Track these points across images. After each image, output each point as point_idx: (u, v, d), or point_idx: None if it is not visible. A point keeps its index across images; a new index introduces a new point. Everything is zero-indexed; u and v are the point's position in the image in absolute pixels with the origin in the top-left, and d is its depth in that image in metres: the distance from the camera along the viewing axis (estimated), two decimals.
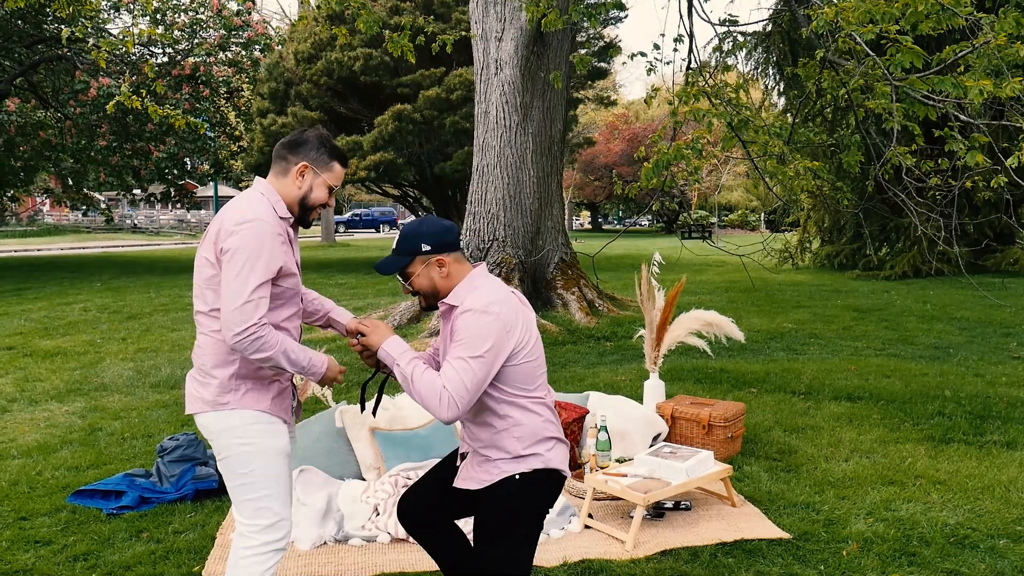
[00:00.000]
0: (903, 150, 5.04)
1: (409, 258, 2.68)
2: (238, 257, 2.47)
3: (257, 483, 2.60)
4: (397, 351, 2.60)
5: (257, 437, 2.60)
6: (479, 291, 2.62)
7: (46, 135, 19.80)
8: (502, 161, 9.81)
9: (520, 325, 2.61)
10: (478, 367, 2.50)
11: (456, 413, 2.49)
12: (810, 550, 3.73)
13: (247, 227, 2.49)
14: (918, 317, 10.70)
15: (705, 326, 5.33)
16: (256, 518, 2.60)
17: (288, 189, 2.67)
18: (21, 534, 3.98)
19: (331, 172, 2.70)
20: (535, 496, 2.67)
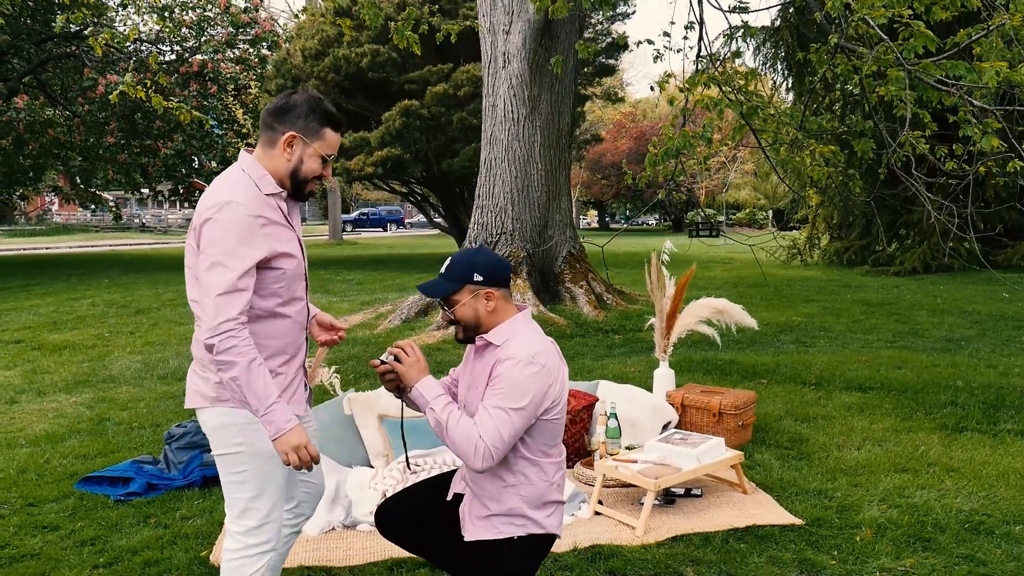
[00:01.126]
0: (917, 134, 4.98)
1: (459, 285, 2.58)
2: (214, 245, 2.27)
3: (249, 483, 2.45)
4: (431, 394, 2.53)
5: (255, 437, 2.43)
6: (523, 337, 2.56)
7: (55, 133, 19.83)
8: (510, 154, 9.78)
9: (559, 380, 2.56)
10: (517, 419, 2.45)
11: (490, 464, 2.45)
12: (823, 536, 3.68)
13: (220, 212, 2.29)
14: (928, 311, 10.63)
15: (716, 314, 5.29)
16: (243, 518, 2.47)
17: (275, 162, 2.44)
18: (29, 520, 3.96)
19: (323, 141, 2.46)
20: (528, 558, 2.64)
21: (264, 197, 2.40)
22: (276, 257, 2.40)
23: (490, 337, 2.59)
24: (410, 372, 2.55)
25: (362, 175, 17.96)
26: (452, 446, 2.47)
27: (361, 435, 4.62)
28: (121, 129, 19.75)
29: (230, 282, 2.26)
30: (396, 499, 2.88)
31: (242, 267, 2.29)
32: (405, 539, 2.87)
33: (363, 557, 3.52)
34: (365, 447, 4.61)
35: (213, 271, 2.27)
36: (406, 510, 2.84)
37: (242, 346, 2.26)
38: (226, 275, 2.26)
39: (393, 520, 2.84)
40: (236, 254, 2.28)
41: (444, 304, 2.64)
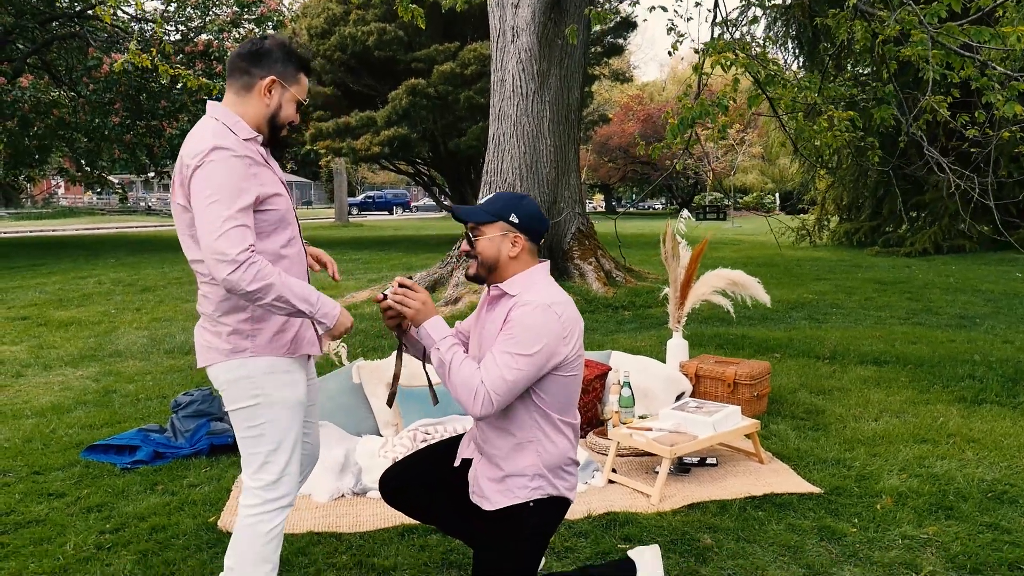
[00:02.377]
0: (939, 99, 4.87)
1: (492, 219, 2.49)
2: (205, 189, 2.23)
3: (267, 436, 2.42)
4: (439, 334, 2.44)
5: (272, 388, 2.41)
6: (540, 287, 2.47)
7: (60, 113, 19.74)
8: (518, 130, 9.66)
9: (575, 334, 2.46)
10: (525, 366, 2.35)
11: (489, 411, 2.35)
12: (842, 504, 3.61)
13: (207, 157, 2.25)
14: (942, 289, 10.51)
15: (731, 285, 5.19)
16: (262, 472, 2.43)
17: (253, 108, 2.41)
18: (35, 487, 3.91)
19: (299, 85, 2.47)
20: (543, 522, 2.55)
21: (242, 142, 2.36)
22: (267, 198, 2.37)
23: (505, 287, 2.50)
24: (421, 311, 2.46)
25: (369, 155, 17.86)
26: (452, 388, 2.39)
27: (370, 404, 4.56)
28: (127, 109, 19.66)
29: (232, 216, 2.22)
30: (401, 466, 2.78)
31: (240, 203, 2.25)
32: (412, 506, 2.78)
33: (373, 523, 3.45)
34: (374, 416, 4.55)
35: (212, 210, 2.22)
36: (412, 476, 2.75)
37: (265, 267, 2.24)
38: (228, 210, 2.22)
39: (399, 487, 2.74)
40: (232, 192, 2.25)
41: (471, 233, 2.54)
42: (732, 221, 34.60)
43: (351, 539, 3.31)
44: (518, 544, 2.51)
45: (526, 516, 2.49)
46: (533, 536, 2.54)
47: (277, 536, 2.46)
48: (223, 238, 2.19)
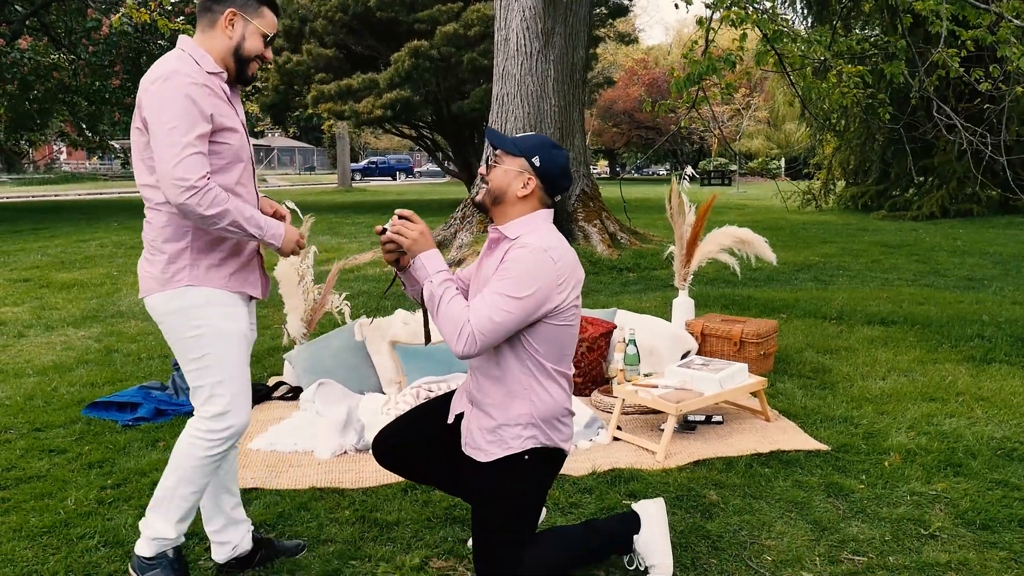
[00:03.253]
0: (951, 52, 4.75)
1: (517, 152, 2.44)
2: (163, 114, 2.23)
3: (212, 368, 2.40)
4: (434, 267, 2.40)
5: (213, 319, 2.39)
6: (540, 232, 2.40)
7: (60, 76, 19.58)
8: (522, 90, 9.53)
9: (573, 283, 2.40)
10: (515, 308, 2.29)
11: (472, 350, 2.29)
12: (850, 461, 3.57)
13: (164, 83, 2.25)
14: (949, 252, 10.43)
15: (738, 243, 5.12)
16: (208, 405, 2.42)
17: (217, 42, 2.41)
18: (36, 443, 3.88)
19: (263, 18, 2.46)
20: (541, 474, 2.50)
21: (205, 74, 2.35)
22: (223, 130, 2.37)
23: (504, 229, 2.44)
24: (418, 243, 2.42)
25: (371, 118, 17.69)
26: (439, 323, 2.35)
27: (373, 361, 4.52)
28: (127, 72, 19.49)
29: (191, 143, 2.23)
30: (393, 427, 2.71)
31: (198, 130, 2.26)
32: (407, 467, 2.73)
33: (376, 479, 3.42)
34: (377, 374, 4.51)
35: (171, 136, 2.22)
36: (405, 437, 2.69)
37: (220, 193, 2.27)
38: (186, 136, 2.23)
39: (392, 449, 2.69)
40: (191, 118, 2.25)
41: (491, 159, 2.50)
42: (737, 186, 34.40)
43: (354, 495, 3.28)
44: (515, 497, 2.47)
45: (521, 467, 2.45)
46: (530, 488, 2.50)
47: (208, 466, 2.45)
48: (181, 164, 2.21)
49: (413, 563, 2.71)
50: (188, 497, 2.45)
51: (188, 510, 2.47)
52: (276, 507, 3.17)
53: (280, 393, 4.57)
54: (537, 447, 2.45)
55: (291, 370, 4.67)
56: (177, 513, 2.46)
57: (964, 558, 2.73)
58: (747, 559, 2.74)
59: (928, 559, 2.73)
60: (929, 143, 15.11)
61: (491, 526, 2.48)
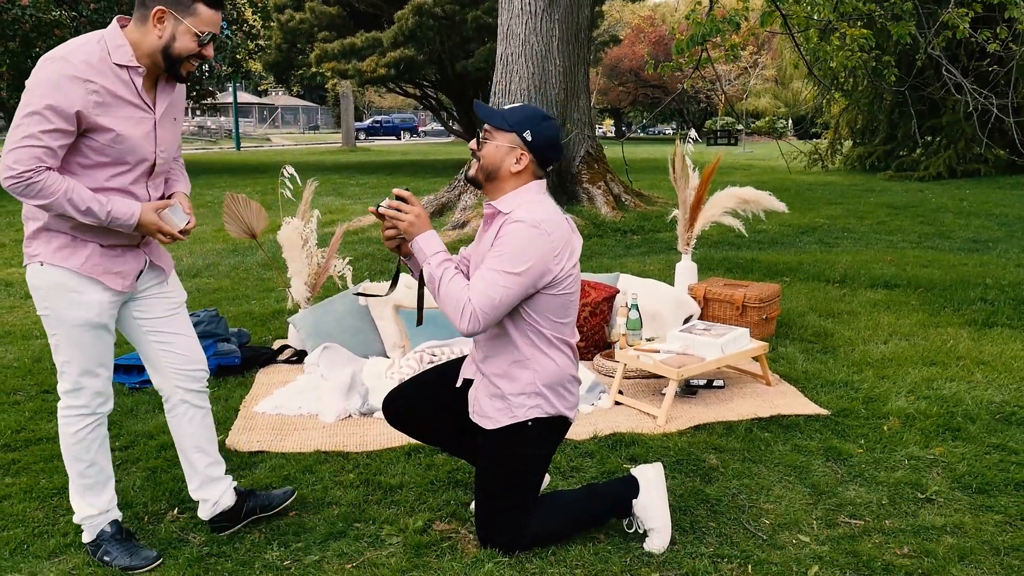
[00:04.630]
0: (960, 12, 4.70)
1: (508, 128, 2.43)
2: (25, 95, 2.19)
3: (60, 348, 2.44)
4: (431, 249, 2.41)
5: (56, 303, 2.37)
6: (532, 205, 2.41)
7: (62, 34, 19.39)
8: (527, 49, 9.43)
9: (567, 252, 2.42)
10: (513, 284, 2.32)
11: (476, 328, 2.33)
12: (849, 425, 3.60)
13: (40, 66, 2.17)
14: (955, 213, 10.38)
15: (741, 204, 5.11)
16: (61, 380, 2.49)
17: (147, 39, 2.28)
18: (44, 406, 3.94)
19: (196, 17, 2.29)
20: (545, 441, 2.56)
21: (111, 66, 2.25)
22: (97, 130, 2.25)
23: (498, 204, 2.46)
24: (415, 225, 2.42)
25: (375, 77, 17.55)
26: (441, 304, 2.37)
27: (377, 326, 4.55)
28: None
29: (33, 135, 2.16)
30: (403, 388, 2.77)
31: (47, 124, 2.16)
32: (415, 428, 2.79)
33: (380, 443, 3.47)
34: (381, 338, 4.54)
35: (18, 119, 2.18)
36: (415, 399, 2.74)
37: (48, 185, 2.20)
38: (31, 128, 2.16)
39: (402, 409, 2.74)
40: (41, 106, 2.15)
41: (482, 134, 2.49)
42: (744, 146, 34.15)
43: (358, 458, 3.33)
44: (519, 463, 2.53)
45: (526, 434, 2.50)
46: (534, 455, 2.55)
47: (82, 440, 2.52)
48: (13, 153, 2.17)
49: (416, 526, 2.75)
50: (84, 473, 2.55)
51: (88, 484, 2.56)
52: (281, 470, 3.22)
53: (285, 356, 4.61)
54: (542, 416, 2.49)
55: (295, 334, 4.70)
56: (79, 490, 2.57)
57: (960, 521, 2.77)
58: (745, 522, 2.78)
59: (924, 522, 2.77)
60: (936, 102, 14.95)
61: (494, 491, 2.53)
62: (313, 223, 4.69)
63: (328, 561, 2.57)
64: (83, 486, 2.56)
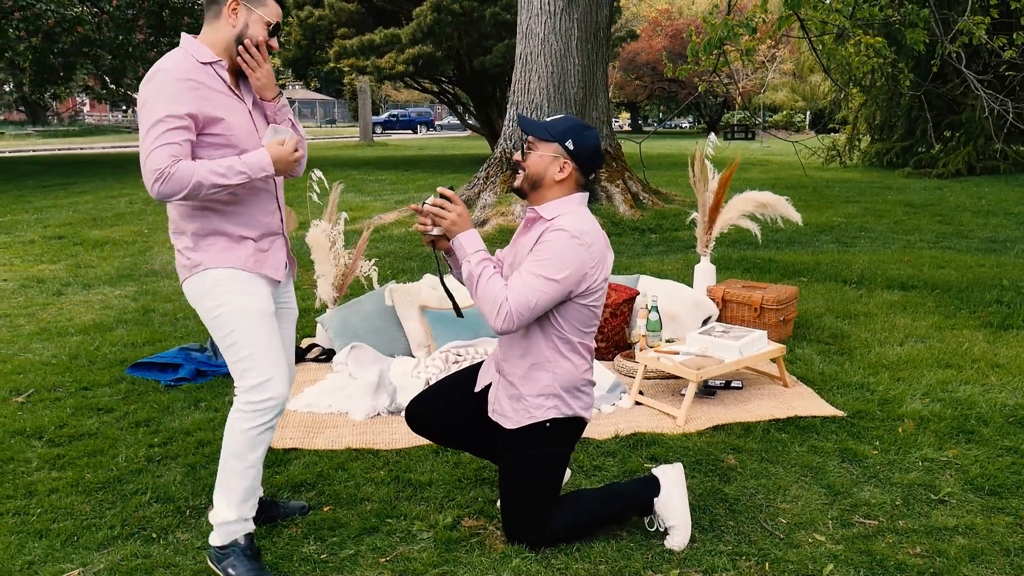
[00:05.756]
0: (977, 19, 4.75)
1: (551, 138, 2.55)
2: (142, 112, 2.34)
3: (239, 343, 2.50)
4: (472, 247, 2.52)
5: (226, 297, 2.49)
6: (575, 215, 2.52)
7: (84, 30, 19.66)
8: (546, 48, 9.52)
9: (602, 266, 2.54)
10: (550, 289, 2.44)
11: (510, 327, 2.44)
12: (865, 427, 3.69)
13: (148, 84, 2.34)
14: (973, 212, 10.40)
15: (759, 208, 5.19)
16: (244, 378, 2.53)
17: (221, 32, 2.48)
18: (84, 402, 4.08)
19: (266, 7, 2.52)
20: (563, 441, 2.68)
21: (199, 66, 2.42)
22: (210, 122, 2.41)
23: (541, 210, 2.57)
24: (457, 223, 2.53)
25: (393, 74, 17.66)
26: (477, 301, 2.48)
27: (403, 326, 4.67)
28: (150, 26, 19.52)
29: (159, 136, 2.30)
30: (424, 396, 2.89)
31: (167, 125, 2.31)
32: (438, 435, 2.92)
33: (408, 441, 3.59)
34: (407, 338, 4.66)
35: (144, 133, 2.31)
36: (436, 407, 2.87)
37: (181, 170, 2.31)
38: (153, 132, 2.30)
39: (424, 417, 2.87)
40: (160, 111, 2.31)
41: (526, 145, 2.60)
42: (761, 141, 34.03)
43: (388, 455, 3.45)
44: (538, 462, 2.65)
45: (544, 434, 2.63)
46: (552, 454, 2.67)
47: (254, 438, 2.54)
48: (148, 161, 2.30)
49: (446, 522, 2.87)
50: (243, 473, 2.54)
51: (245, 490, 2.56)
52: (315, 467, 3.35)
53: (313, 355, 4.74)
54: (559, 417, 2.61)
55: (323, 333, 4.83)
56: (234, 493, 2.55)
57: (971, 522, 2.86)
58: (762, 521, 2.88)
59: (936, 523, 2.86)
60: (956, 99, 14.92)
61: (516, 489, 2.66)
62: (340, 225, 4.81)
63: (363, 555, 2.69)
64: (237, 489, 2.56)
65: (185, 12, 18.93)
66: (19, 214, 10.98)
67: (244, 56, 2.50)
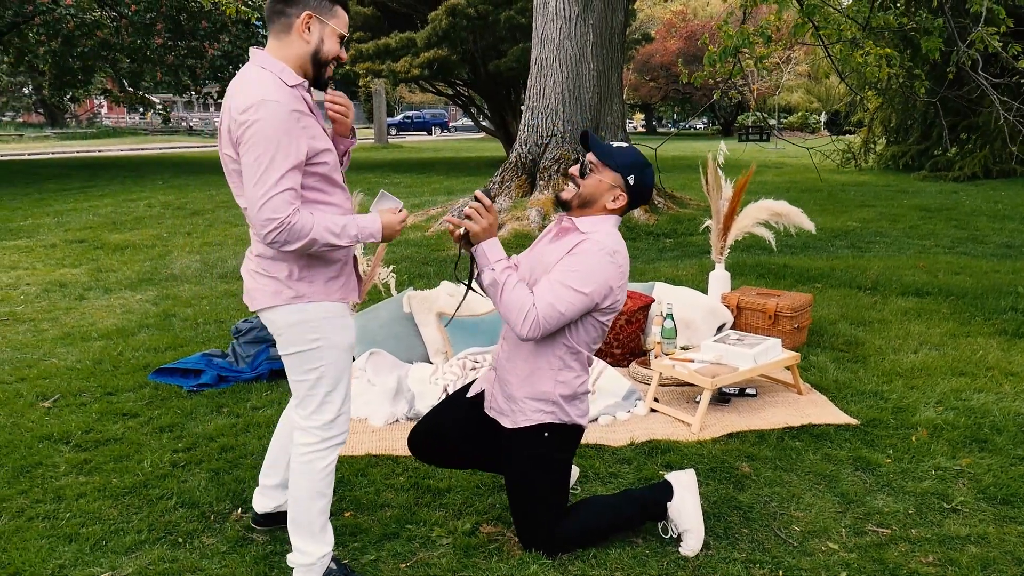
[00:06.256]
0: (991, 30, 4.77)
1: (613, 168, 2.62)
2: (253, 150, 2.21)
3: (325, 378, 2.48)
4: (495, 256, 2.56)
5: (330, 332, 2.46)
6: (610, 234, 2.60)
7: (103, 35, 19.86)
8: (561, 54, 9.58)
9: (622, 286, 2.61)
10: (578, 301, 2.50)
11: (536, 333, 2.50)
12: (878, 435, 3.72)
13: (257, 113, 2.20)
14: (989, 216, 10.37)
15: (773, 216, 5.23)
16: (320, 413, 2.50)
17: (294, 48, 2.35)
18: (109, 407, 4.16)
19: (338, 19, 2.40)
20: (561, 447, 2.73)
21: (291, 91, 2.30)
22: (316, 153, 2.34)
23: (579, 223, 2.63)
24: (486, 231, 2.56)
25: (408, 77, 17.76)
26: (503, 308, 2.53)
27: (421, 332, 4.73)
28: (168, 30, 19.71)
29: (277, 182, 2.22)
30: (422, 427, 2.91)
31: (288, 163, 2.23)
32: (444, 459, 2.97)
33: None
34: (424, 344, 4.72)
35: (259, 175, 2.22)
36: (436, 435, 2.89)
37: (301, 224, 2.25)
38: (274, 175, 2.21)
39: (427, 448, 2.90)
40: (280, 155, 2.22)
41: (588, 165, 2.65)
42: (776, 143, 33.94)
43: (407, 462, 3.51)
44: (539, 468, 2.70)
45: (541, 441, 2.68)
46: (552, 460, 2.72)
47: (331, 472, 2.57)
48: (267, 206, 2.22)
49: (465, 528, 2.93)
50: (324, 509, 2.56)
51: (326, 519, 2.58)
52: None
53: None
54: (555, 423, 2.68)
55: None
56: (320, 528, 2.56)
57: (983, 532, 2.89)
58: (776, 529, 2.93)
59: (949, 532, 2.89)
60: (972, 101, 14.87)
61: (519, 490, 2.73)
62: None
63: (384, 561, 2.75)
64: (317, 523, 2.55)
65: (203, 16, 19.08)
66: (40, 217, 11.13)
67: (335, 107, 2.50)
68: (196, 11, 19.04)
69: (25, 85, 40.74)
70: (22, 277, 7.39)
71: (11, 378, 4.62)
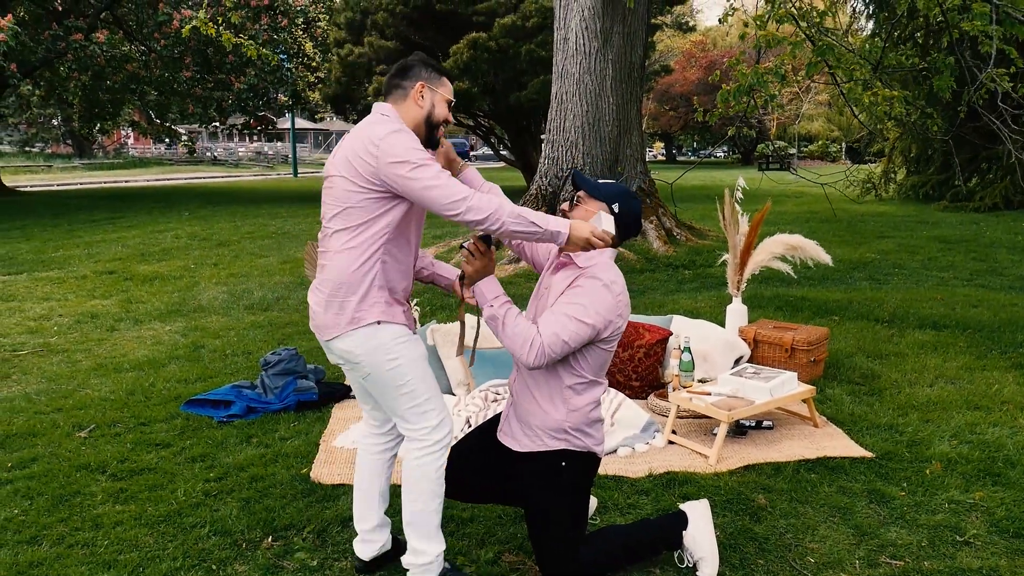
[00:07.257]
0: (1001, 71, 4.87)
1: (599, 197, 2.77)
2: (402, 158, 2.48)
3: (417, 391, 2.68)
4: (492, 292, 2.70)
5: (404, 349, 2.66)
6: (608, 267, 2.72)
7: (132, 68, 20.34)
8: (581, 88, 9.75)
9: (625, 315, 2.73)
10: (580, 331, 2.62)
11: (542, 362, 2.61)
12: (893, 468, 3.79)
13: (394, 136, 2.51)
14: (1008, 248, 10.39)
15: (790, 250, 5.33)
16: (423, 421, 2.70)
17: (410, 112, 2.68)
18: (143, 438, 4.30)
19: (445, 87, 2.75)
20: (578, 477, 2.82)
21: None
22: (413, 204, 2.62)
23: (576, 258, 2.76)
24: (480, 272, 2.70)
25: None
26: (506, 340, 2.65)
27: (444, 365, 4.85)
28: (196, 64, 20.16)
29: (437, 173, 2.48)
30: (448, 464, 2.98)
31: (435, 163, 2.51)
32: (466, 495, 3.06)
33: None
34: (447, 376, 4.84)
35: (420, 176, 2.47)
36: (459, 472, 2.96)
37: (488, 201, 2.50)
38: (431, 171, 2.48)
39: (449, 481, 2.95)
40: (425, 156, 2.51)
41: (575, 198, 2.82)
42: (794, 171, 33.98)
43: None
44: (557, 497, 2.79)
45: (558, 471, 2.78)
46: (570, 489, 2.80)
47: (443, 473, 2.78)
48: (443, 194, 2.47)
49: (487, 557, 3.03)
50: (438, 509, 2.78)
51: (439, 520, 2.79)
52: None
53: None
54: (570, 450, 2.78)
55: None
56: (435, 527, 2.78)
57: (995, 565, 2.95)
58: (791, 560, 3.00)
59: (961, 565, 2.96)
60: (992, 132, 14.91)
61: (540, 525, 2.82)
62: None
63: None
64: (433, 523, 2.77)
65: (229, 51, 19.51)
66: (71, 249, 11.39)
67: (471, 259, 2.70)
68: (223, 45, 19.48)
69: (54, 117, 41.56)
70: (55, 308, 7.59)
71: (48, 408, 4.77)
